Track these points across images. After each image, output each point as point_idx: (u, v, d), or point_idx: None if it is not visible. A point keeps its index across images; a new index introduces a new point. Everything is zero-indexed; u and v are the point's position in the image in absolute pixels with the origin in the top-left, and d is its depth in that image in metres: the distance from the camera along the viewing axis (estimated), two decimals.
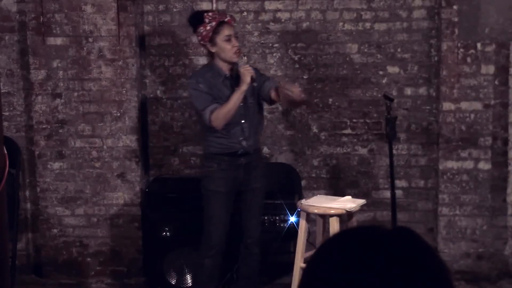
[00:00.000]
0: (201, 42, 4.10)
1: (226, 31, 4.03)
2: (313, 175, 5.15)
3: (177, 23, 5.11)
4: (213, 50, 4.07)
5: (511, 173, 4.88)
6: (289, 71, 5.10)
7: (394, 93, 4.96)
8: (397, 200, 4.40)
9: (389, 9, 5.00)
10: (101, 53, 4.91)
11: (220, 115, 3.99)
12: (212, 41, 4.03)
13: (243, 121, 4.11)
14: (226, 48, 4.05)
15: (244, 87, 3.97)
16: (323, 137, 5.14)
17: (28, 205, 5.19)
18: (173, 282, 4.68)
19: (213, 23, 4.01)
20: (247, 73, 3.98)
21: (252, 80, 3.99)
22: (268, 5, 5.06)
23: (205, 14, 4.05)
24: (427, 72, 5.02)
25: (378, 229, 1.05)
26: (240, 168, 4.15)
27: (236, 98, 3.98)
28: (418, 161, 5.11)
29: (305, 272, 1.07)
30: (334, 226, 3.94)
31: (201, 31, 4.03)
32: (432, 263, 1.02)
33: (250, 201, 4.23)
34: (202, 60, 5.12)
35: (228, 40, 4.04)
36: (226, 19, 4.06)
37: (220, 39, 4.03)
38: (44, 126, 4.99)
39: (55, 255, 5.09)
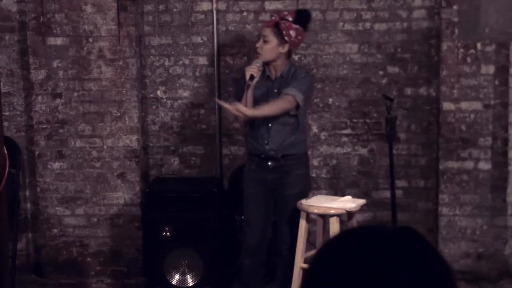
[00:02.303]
0: None
1: (262, 32, 4.15)
2: (313, 175, 5.14)
3: (177, 23, 5.11)
4: None
5: (511, 173, 4.88)
6: None
7: (394, 93, 4.96)
8: (397, 200, 4.40)
9: (389, 9, 5.00)
10: (101, 53, 4.91)
11: None
12: None
13: (270, 124, 4.09)
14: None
15: (249, 83, 4.00)
16: (323, 137, 5.14)
17: (28, 205, 5.19)
18: (173, 282, 4.68)
19: None
20: (247, 71, 4.01)
21: (251, 78, 3.98)
22: (268, 5, 5.06)
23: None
24: (427, 72, 5.02)
25: (381, 229, 1.05)
26: (268, 171, 4.12)
27: (245, 96, 4.01)
28: (418, 161, 5.11)
29: (307, 272, 1.07)
30: (334, 226, 3.94)
31: None
32: (435, 262, 1.02)
33: (282, 208, 4.18)
34: (202, 60, 5.12)
35: (258, 40, 4.12)
36: (269, 21, 4.15)
37: None
38: (44, 126, 4.99)
39: (55, 255, 5.09)
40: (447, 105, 4.83)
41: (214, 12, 5.05)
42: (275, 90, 4.11)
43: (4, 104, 4.93)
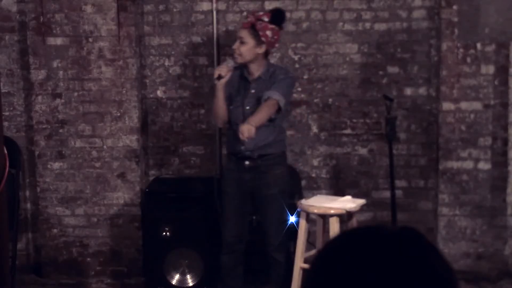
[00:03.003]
0: None
1: (238, 33, 4.17)
2: (313, 175, 5.15)
3: (177, 23, 5.11)
4: None
5: (511, 173, 4.88)
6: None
7: (394, 93, 4.96)
8: (397, 200, 4.40)
9: (389, 9, 5.00)
10: (101, 53, 4.91)
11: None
12: None
13: None
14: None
15: (215, 83, 4.08)
16: (323, 137, 5.14)
17: (28, 205, 5.19)
18: (173, 282, 4.68)
19: None
20: (216, 70, 4.11)
21: (219, 77, 4.02)
22: (268, 5, 5.06)
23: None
24: (427, 72, 5.02)
25: (382, 229, 1.05)
26: (245, 171, 4.14)
27: (215, 96, 4.13)
28: (418, 161, 5.11)
29: (308, 272, 1.07)
30: (334, 226, 3.94)
31: None
32: (436, 263, 1.02)
33: (263, 209, 4.19)
34: (202, 60, 5.12)
35: (236, 41, 4.13)
36: (245, 22, 4.16)
37: None
38: (44, 126, 4.99)
39: (55, 255, 5.09)
40: (447, 105, 4.83)
41: (214, 12, 5.05)
42: (253, 91, 4.11)
43: (4, 104, 4.93)
